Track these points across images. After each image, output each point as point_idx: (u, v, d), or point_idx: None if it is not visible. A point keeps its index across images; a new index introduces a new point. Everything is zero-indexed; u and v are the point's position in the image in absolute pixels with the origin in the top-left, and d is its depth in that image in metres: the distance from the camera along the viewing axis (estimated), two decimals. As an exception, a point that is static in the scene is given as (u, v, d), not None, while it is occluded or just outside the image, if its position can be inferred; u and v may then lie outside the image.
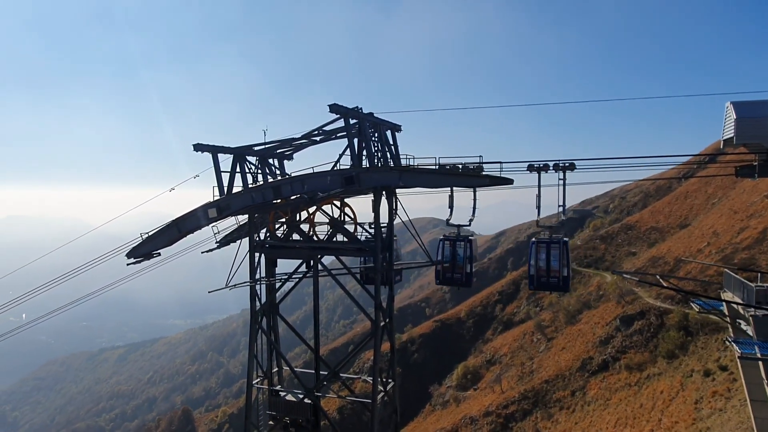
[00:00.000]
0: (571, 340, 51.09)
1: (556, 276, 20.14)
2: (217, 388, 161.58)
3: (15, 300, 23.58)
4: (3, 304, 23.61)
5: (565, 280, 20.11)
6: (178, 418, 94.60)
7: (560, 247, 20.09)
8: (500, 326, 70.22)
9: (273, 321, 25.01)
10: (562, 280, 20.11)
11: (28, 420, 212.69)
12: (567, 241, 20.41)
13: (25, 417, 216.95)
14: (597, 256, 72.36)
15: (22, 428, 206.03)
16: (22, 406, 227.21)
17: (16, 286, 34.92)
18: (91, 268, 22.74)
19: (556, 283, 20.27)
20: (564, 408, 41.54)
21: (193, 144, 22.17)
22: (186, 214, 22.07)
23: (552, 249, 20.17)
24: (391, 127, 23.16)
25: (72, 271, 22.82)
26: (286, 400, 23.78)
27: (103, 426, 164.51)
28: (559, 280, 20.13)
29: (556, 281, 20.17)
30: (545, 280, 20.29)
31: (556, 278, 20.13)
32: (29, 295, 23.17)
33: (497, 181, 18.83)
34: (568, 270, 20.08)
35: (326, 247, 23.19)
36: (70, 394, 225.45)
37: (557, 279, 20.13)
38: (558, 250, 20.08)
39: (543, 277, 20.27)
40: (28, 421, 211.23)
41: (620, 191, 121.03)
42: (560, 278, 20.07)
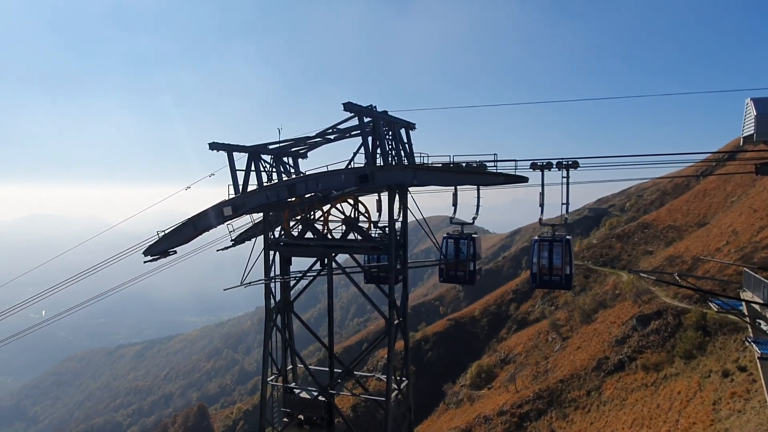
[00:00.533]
0: (586, 339, 50.63)
1: (558, 274, 20.26)
2: (232, 385, 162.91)
3: (35, 297, 24.02)
4: (24, 300, 24.04)
5: (567, 278, 20.22)
6: (194, 415, 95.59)
7: (562, 246, 20.15)
8: (514, 325, 69.86)
9: (287, 319, 25.16)
10: (564, 278, 20.23)
11: (48, 415, 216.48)
12: (569, 240, 20.49)
13: (45, 412, 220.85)
14: (613, 254, 71.63)
15: (42, 423, 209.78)
16: (43, 401, 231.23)
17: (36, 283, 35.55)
18: (109, 265, 23.07)
19: (559, 281, 20.39)
20: (579, 408, 41.19)
21: (208, 143, 22.34)
22: (201, 212, 22.27)
23: (554, 247, 20.23)
24: (405, 125, 23.13)
25: (90, 268, 23.17)
26: (300, 397, 23.91)
27: (121, 421, 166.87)
28: (562, 278, 20.26)
29: (559, 279, 20.31)
30: (547, 278, 20.45)
31: (558, 276, 20.26)
32: (49, 291, 23.59)
33: (512, 179, 18.73)
34: (570, 268, 20.19)
35: (340, 245, 23.26)
36: (89, 389, 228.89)
37: (560, 277, 20.26)
38: (560, 248, 20.15)
39: (545, 275, 20.43)
40: (48, 416, 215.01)
41: (637, 189, 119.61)
42: (562, 276, 20.20)
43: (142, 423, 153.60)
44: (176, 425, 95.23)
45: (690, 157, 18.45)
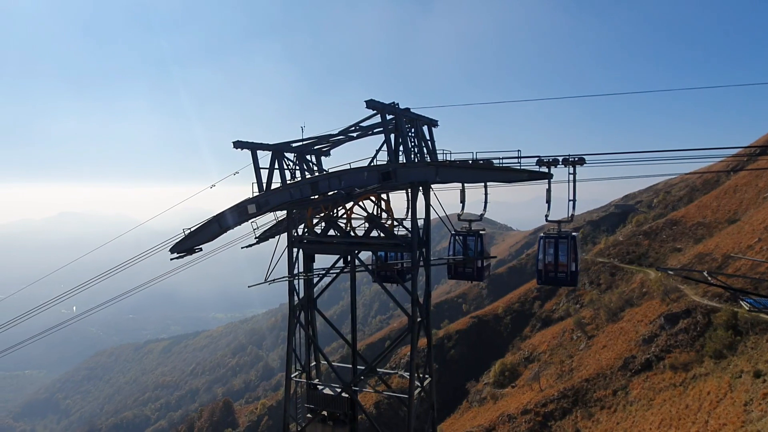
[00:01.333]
0: (612, 338, 49.88)
1: (564, 271, 20.26)
2: (256, 381, 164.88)
3: (66, 293, 24.62)
4: (55, 297, 24.65)
5: (573, 274, 20.26)
6: (219, 409, 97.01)
7: (568, 242, 20.16)
8: (538, 323, 69.20)
9: (311, 315, 25.31)
10: (570, 275, 20.27)
11: (79, 408, 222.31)
12: (575, 236, 20.44)
13: (77, 405, 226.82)
14: (640, 252, 70.41)
15: (74, 416, 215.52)
16: (74, 394, 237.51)
17: (67, 279, 36.46)
18: (136, 262, 23.52)
19: (564, 278, 20.39)
20: (605, 407, 40.61)
21: (233, 141, 22.57)
22: (226, 210, 22.52)
23: (560, 244, 20.27)
24: (427, 122, 23.04)
25: (119, 265, 23.65)
26: (323, 393, 24.06)
27: (149, 415, 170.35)
28: (567, 275, 20.28)
29: (564, 276, 20.32)
30: (553, 275, 20.53)
31: (564, 273, 20.29)
32: (79, 288, 24.15)
33: (536, 176, 18.51)
34: (576, 265, 20.17)
35: (363, 242, 23.28)
36: (118, 383, 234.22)
37: (565, 274, 20.29)
38: (566, 245, 20.16)
39: (551, 272, 20.48)
40: (79, 409, 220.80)
41: (665, 185, 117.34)
42: (568, 273, 20.22)
43: (170, 417, 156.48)
44: (202, 420, 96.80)
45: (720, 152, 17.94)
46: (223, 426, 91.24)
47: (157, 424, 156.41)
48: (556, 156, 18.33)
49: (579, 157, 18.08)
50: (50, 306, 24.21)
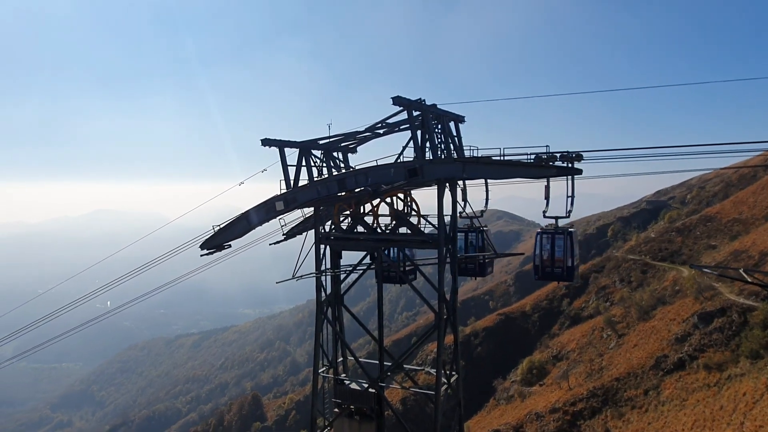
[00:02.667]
0: (643, 336, 48.90)
1: (560, 266, 20.53)
2: (284, 376, 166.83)
3: (101, 288, 25.32)
4: (90, 291, 25.37)
5: (569, 270, 20.45)
6: (248, 403, 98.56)
7: (564, 237, 20.33)
8: (567, 321, 68.26)
9: (338, 311, 25.48)
10: (566, 270, 20.47)
11: (113, 400, 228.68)
12: (572, 232, 20.62)
13: (111, 397, 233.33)
14: (673, 249, 68.83)
15: (108, 407, 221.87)
16: (108, 386, 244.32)
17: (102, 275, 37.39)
18: (167, 259, 24.03)
19: (561, 273, 20.63)
20: (636, 407, 39.86)
21: (261, 139, 22.83)
22: (254, 207, 22.82)
23: (557, 239, 20.44)
24: (454, 118, 22.92)
25: (151, 261, 24.19)
26: (350, 388, 24.21)
27: (180, 408, 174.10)
28: (564, 270, 20.49)
29: (561, 271, 20.57)
30: (549, 270, 20.78)
31: (560, 268, 20.53)
32: (113, 283, 24.80)
33: (565, 172, 18.27)
34: (573, 260, 20.45)
35: (390, 239, 23.32)
36: (150, 377, 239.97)
37: (561, 269, 20.52)
38: (562, 240, 20.34)
39: (547, 267, 20.78)
40: (113, 401, 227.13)
41: (699, 181, 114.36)
42: (564, 268, 20.44)
43: (200, 410, 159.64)
44: (231, 413, 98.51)
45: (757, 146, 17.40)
46: (252, 420, 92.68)
47: (188, 416, 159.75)
48: (554, 152, 18.49)
49: (576, 153, 18.16)
50: (86, 301, 24.91)
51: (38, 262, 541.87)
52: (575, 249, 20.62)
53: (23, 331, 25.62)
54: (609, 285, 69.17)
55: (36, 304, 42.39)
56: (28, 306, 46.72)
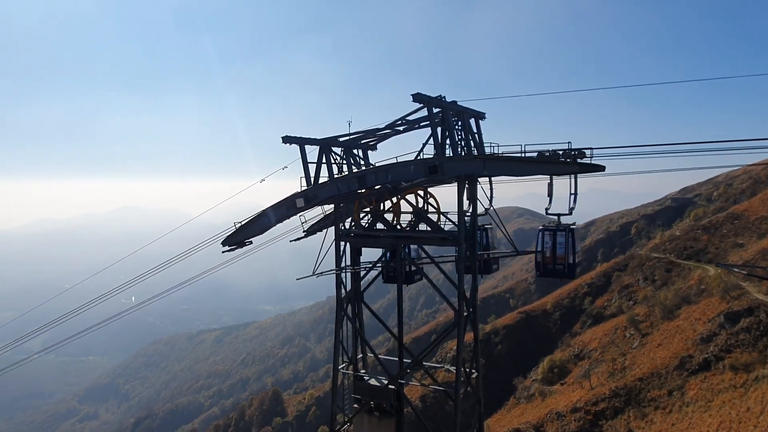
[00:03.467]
0: (668, 336, 48.06)
1: (561, 263, 20.70)
2: (304, 372, 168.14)
3: (126, 284, 25.79)
4: (116, 287, 25.85)
5: (570, 267, 20.63)
6: (268, 399, 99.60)
7: (566, 234, 20.56)
8: (589, 320, 67.42)
9: (358, 308, 25.57)
10: (567, 267, 20.65)
11: (138, 393, 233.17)
12: (573, 229, 20.67)
13: (136, 390, 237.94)
14: (698, 247, 67.49)
15: (133, 400, 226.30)
16: (133, 380, 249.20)
17: (127, 270, 38.14)
18: (190, 255, 24.36)
19: (562, 270, 20.81)
20: (659, 408, 39.20)
21: (281, 136, 22.97)
22: (275, 204, 22.96)
23: (558, 236, 20.70)
24: (474, 115, 22.77)
25: (174, 258, 24.55)
26: (370, 384, 24.28)
27: (203, 402, 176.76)
28: (565, 267, 20.68)
29: (562, 268, 20.74)
30: (551, 266, 20.94)
31: (561, 265, 20.71)
32: (137, 279, 25.24)
33: (587, 168, 18.00)
34: (574, 258, 20.62)
35: (410, 236, 23.30)
36: (174, 371, 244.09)
37: (563, 266, 20.70)
38: (563, 238, 20.59)
39: (549, 264, 20.94)
40: (138, 394, 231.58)
41: (726, 178, 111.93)
42: (565, 265, 20.62)
43: (222, 405, 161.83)
44: (252, 408, 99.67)
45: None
46: (273, 415, 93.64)
47: (210, 410, 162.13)
48: (555, 150, 18.51)
49: (579, 150, 18.14)
50: (111, 296, 25.40)
51: (65, 258, 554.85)
52: (577, 246, 20.72)
53: (51, 325, 26.22)
54: (632, 284, 68.13)
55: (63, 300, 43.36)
56: (56, 301, 47.86)
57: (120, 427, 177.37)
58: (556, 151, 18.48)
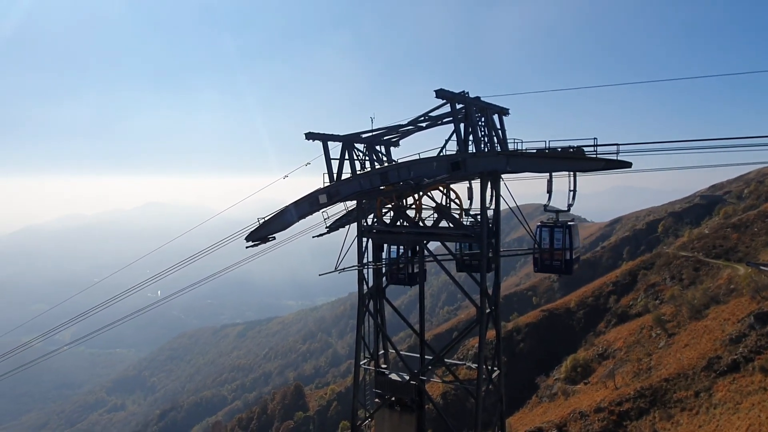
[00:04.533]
0: (695, 336, 47.07)
1: (559, 259, 21.29)
2: (326, 367, 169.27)
3: (152, 278, 26.30)
4: (142, 281, 26.38)
5: (568, 263, 21.21)
6: (290, 393, 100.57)
7: (563, 231, 21.15)
8: (614, 319, 66.41)
9: (379, 304, 25.62)
10: (564, 263, 21.25)
11: (163, 385, 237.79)
12: (571, 225, 21.16)
13: (161, 382, 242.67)
14: (728, 246, 65.89)
15: (159, 392, 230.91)
16: (159, 372, 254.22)
17: (152, 265, 38.84)
18: (214, 250, 24.69)
19: (559, 266, 21.44)
20: (686, 409, 38.44)
21: (304, 133, 23.10)
22: (298, 200, 23.12)
23: (556, 232, 21.29)
24: (498, 110, 22.59)
25: (198, 253, 24.91)
26: (392, 379, 24.35)
27: (226, 395, 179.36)
28: (562, 263, 21.28)
29: (559, 264, 21.36)
30: (548, 262, 21.62)
31: (559, 261, 21.32)
32: (163, 274, 25.71)
33: (613, 165, 17.73)
34: (571, 254, 21.13)
35: (432, 232, 23.26)
36: (198, 364, 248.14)
37: (560, 262, 21.31)
38: (561, 234, 21.18)
39: (546, 260, 21.60)
40: (163, 387, 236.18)
41: (757, 174, 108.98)
42: (563, 261, 21.22)
43: (245, 398, 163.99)
44: (275, 402, 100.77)
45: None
46: (295, 409, 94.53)
47: (233, 404, 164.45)
48: (555, 147, 18.79)
49: (577, 148, 18.36)
50: (138, 290, 25.93)
51: (94, 253, 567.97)
52: (575, 242, 21.12)
53: (81, 318, 26.88)
54: (659, 282, 66.88)
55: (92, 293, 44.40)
56: (85, 294, 49.07)
57: (146, 418, 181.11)
58: (556, 149, 18.83)
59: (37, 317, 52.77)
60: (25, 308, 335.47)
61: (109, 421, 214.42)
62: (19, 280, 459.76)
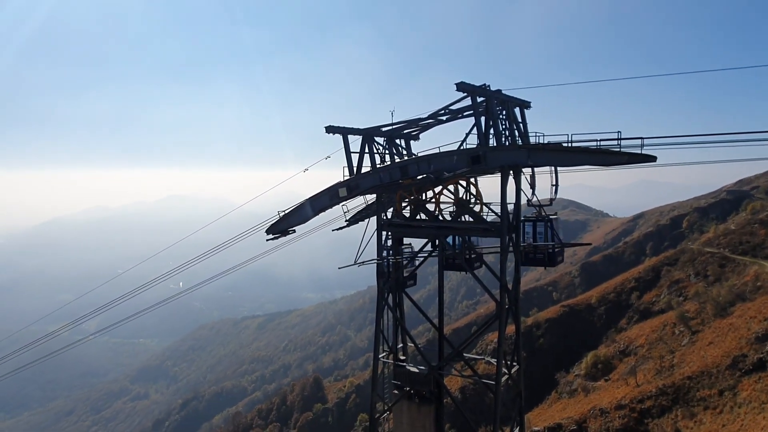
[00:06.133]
0: (720, 334, 46.19)
1: (542, 252, 21.83)
2: (344, 360, 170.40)
3: (174, 270, 26.69)
4: (164, 273, 26.79)
5: (551, 256, 21.84)
6: (309, 385, 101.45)
7: (545, 224, 21.71)
8: (636, 315, 65.53)
9: (398, 298, 25.62)
10: (548, 256, 21.89)
11: (185, 375, 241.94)
12: (553, 219, 21.90)
13: (183, 372, 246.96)
14: (755, 242, 64.41)
15: (181, 382, 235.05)
16: (181, 363, 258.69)
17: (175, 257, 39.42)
18: (235, 243, 24.94)
19: (542, 259, 22.05)
20: (709, 408, 37.78)
21: (325, 126, 23.15)
22: (318, 193, 23.21)
23: (538, 226, 21.85)
24: (519, 103, 22.35)
25: (220, 245, 25.19)
26: (410, 370, 24.39)
27: (246, 386, 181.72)
28: (545, 256, 21.91)
29: (542, 257, 21.96)
30: (532, 255, 22.17)
31: (542, 254, 21.92)
32: (185, 266, 26.05)
33: (637, 159, 17.34)
34: (554, 247, 21.75)
35: (451, 226, 23.16)
36: (219, 355, 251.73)
37: (543, 255, 21.91)
38: (544, 227, 21.76)
39: (530, 254, 22.15)
40: (185, 376, 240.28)
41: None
42: (546, 254, 21.86)
43: (264, 389, 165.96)
44: (294, 394, 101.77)
45: None
46: (313, 401, 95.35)
47: (253, 394, 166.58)
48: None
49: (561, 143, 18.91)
50: (160, 281, 26.33)
51: (118, 245, 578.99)
52: (558, 235, 21.59)
53: (105, 308, 27.42)
54: (683, 279, 65.71)
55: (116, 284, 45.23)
56: (109, 285, 50.01)
57: (168, 407, 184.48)
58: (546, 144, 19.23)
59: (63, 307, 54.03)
60: (51, 298, 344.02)
61: (133, 409, 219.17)
62: (46, 271, 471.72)
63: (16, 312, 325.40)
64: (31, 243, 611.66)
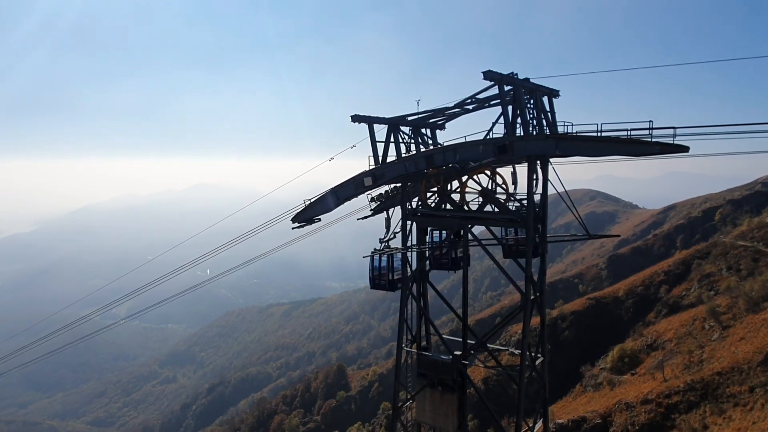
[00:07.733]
0: (752, 330, 45.04)
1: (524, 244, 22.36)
2: (368, 349, 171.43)
3: (201, 257, 27.19)
4: (192, 260, 27.30)
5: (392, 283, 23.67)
6: (333, 373, 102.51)
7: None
8: (665, 309, 64.25)
9: (423, 288, 25.62)
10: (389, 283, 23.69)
11: (211, 361, 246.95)
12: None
13: (210, 358, 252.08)
14: (791, 236, 62.46)
15: (208, 367, 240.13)
16: (207, 348, 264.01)
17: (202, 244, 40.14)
18: (261, 231, 25.23)
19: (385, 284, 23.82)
20: (739, 404, 36.96)
21: (350, 115, 23.16)
22: (344, 182, 23.29)
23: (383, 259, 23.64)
24: (547, 92, 21.97)
25: (246, 233, 25.53)
26: (433, 358, 24.43)
27: (271, 373, 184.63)
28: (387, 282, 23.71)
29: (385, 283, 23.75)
30: (515, 248, 23.61)
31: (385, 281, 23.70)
32: (212, 253, 26.51)
33: (669, 149, 16.93)
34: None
35: (477, 216, 23.01)
36: (244, 342, 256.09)
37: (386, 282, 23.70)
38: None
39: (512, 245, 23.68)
40: (211, 362, 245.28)
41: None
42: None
43: (289, 376, 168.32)
44: (318, 381, 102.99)
45: None
46: (337, 389, 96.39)
47: (277, 381, 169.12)
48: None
49: None
50: (188, 268, 26.86)
51: (147, 232, 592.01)
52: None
53: (135, 294, 28.12)
54: (714, 273, 64.11)
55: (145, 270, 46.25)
56: (139, 271, 51.24)
57: (195, 391, 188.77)
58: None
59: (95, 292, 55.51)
60: (83, 284, 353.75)
61: (162, 392, 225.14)
62: (78, 257, 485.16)
63: (51, 295, 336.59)
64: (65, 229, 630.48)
